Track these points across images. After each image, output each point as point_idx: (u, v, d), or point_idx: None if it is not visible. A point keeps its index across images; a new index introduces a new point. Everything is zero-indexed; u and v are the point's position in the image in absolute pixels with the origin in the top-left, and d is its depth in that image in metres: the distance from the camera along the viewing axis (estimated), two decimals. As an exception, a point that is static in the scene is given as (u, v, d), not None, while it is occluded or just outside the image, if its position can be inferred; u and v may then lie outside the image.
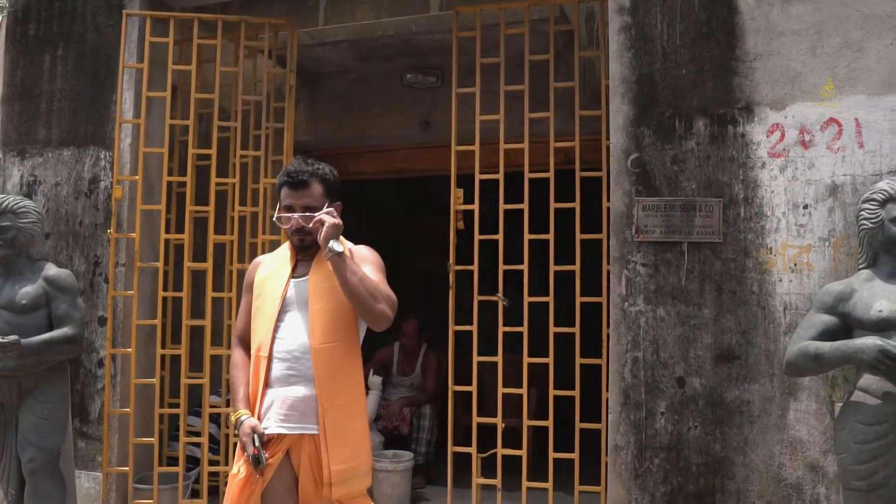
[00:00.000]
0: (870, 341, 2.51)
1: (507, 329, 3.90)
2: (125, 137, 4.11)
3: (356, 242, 2.57)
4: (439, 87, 5.15)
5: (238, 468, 2.37)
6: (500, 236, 3.94)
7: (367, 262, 2.45)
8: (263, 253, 4.06)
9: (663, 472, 3.31)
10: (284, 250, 2.56)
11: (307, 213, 2.39)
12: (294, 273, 2.48)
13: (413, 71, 5.16)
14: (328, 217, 2.34)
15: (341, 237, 2.38)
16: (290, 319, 2.41)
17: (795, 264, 3.22)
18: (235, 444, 2.48)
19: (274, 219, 2.46)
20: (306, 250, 2.47)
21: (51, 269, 3.52)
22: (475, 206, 3.98)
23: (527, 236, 3.91)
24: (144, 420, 4.08)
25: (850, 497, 2.66)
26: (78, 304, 3.54)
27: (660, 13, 3.44)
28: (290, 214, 2.42)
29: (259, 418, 2.37)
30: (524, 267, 3.90)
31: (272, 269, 2.52)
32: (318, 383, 2.34)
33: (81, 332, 3.52)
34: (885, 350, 2.48)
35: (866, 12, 3.20)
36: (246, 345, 2.52)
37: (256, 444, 2.30)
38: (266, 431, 2.34)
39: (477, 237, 3.95)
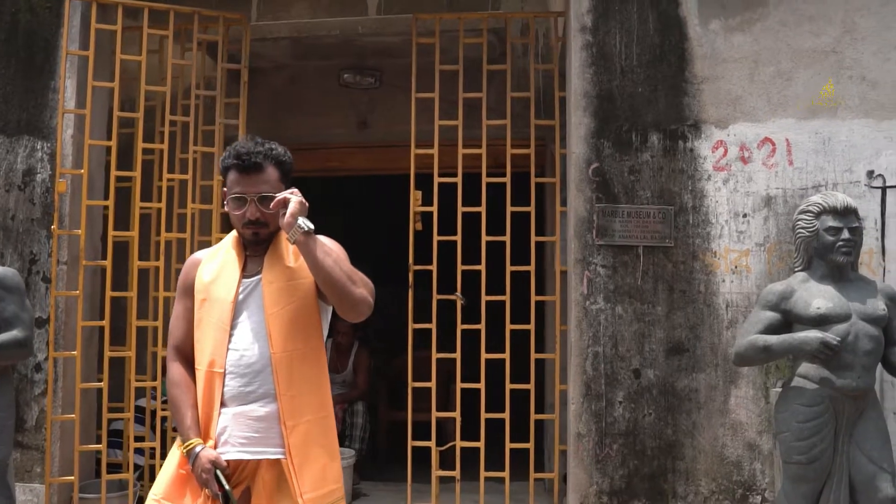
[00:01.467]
0: (812, 334, 2.91)
1: (465, 326, 4.07)
2: (66, 128, 3.89)
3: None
4: (377, 88, 5.23)
5: None
6: (458, 237, 4.10)
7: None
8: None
9: (621, 457, 3.62)
10: (228, 246, 2.20)
11: (266, 197, 2.07)
12: (244, 271, 2.14)
13: (351, 71, 5.21)
14: (293, 196, 2.03)
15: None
16: (245, 326, 2.09)
17: (736, 267, 3.63)
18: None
19: (225, 207, 2.15)
20: (259, 245, 2.14)
21: (-5, 268, 3.29)
22: (434, 209, 4.12)
23: (484, 238, 4.09)
24: (83, 426, 3.89)
25: (791, 470, 3.05)
26: (26, 306, 3.33)
27: (618, 34, 3.74)
28: (242, 196, 2.08)
29: (215, 445, 2.05)
30: (482, 267, 4.08)
31: (217, 269, 2.16)
32: (280, 398, 2.04)
33: (31, 335, 3.32)
34: (826, 342, 2.88)
35: (795, 46, 3.66)
36: (186, 358, 2.17)
37: (221, 480, 1.98)
38: (224, 457, 2.04)
39: (436, 238, 4.09)
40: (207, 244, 4.10)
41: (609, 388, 3.65)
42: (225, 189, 2.13)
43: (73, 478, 3.74)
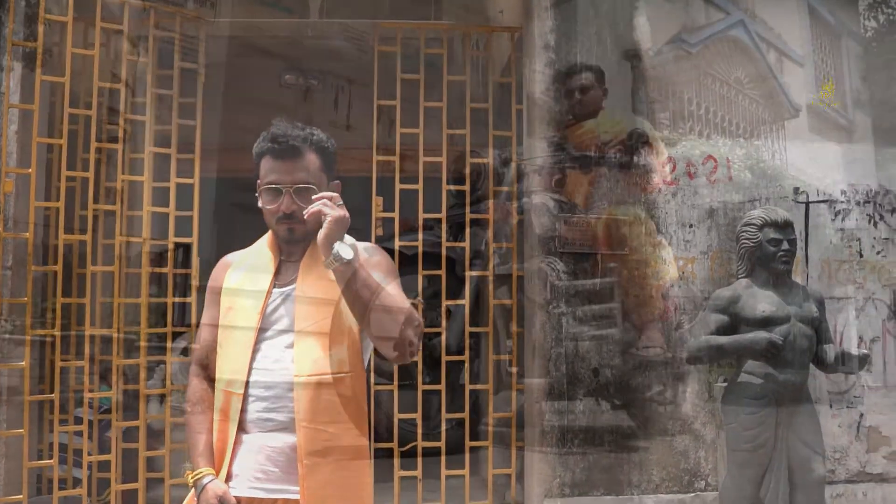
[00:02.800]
0: (761, 335, 3.25)
1: (426, 330, 4.18)
2: (9, 124, 3.63)
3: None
4: (320, 90, 5.22)
5: None
6: (419, 244, 4.19)
7: (378, 270, 1.85)
8: (180, 257, 3.91)
9: (582, 451, 3.86)
10: (262, 247, 1.95)
11: (301, 187, 1.82)
12: (277, 279, 1.90)
13: (293, 72, 5.17)
14: (329, 207, 1.75)
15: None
16: (271, 343, 1.84)
17: (683, 273, 3.96)
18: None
19: (259, 203, 1.90)
20: (296, 244, 1.89)
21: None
22: (395, 215, 4.18)
23: (444, 244, 4.21)
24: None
25: (738, 457, 3.39)
26: (-22, 315, 3.12)
27: (579, 54, 3.97)
28: (276, 186, 1.83)
29: (229, 475, 1.82)
30: (442, 272, 4.19)
31: (247, 274, 1.92)
32: (299, 429, 1.78)
33: (-16, 346, 3.12)
34: (773, 342, 3.23)
35: (735, 75, 4.04)
36: (208, 374, 1.94)
37: None
38: (235, 494, 1.81)
39: (397, 244, 4.16)
40: (164, 248, 3.98)
41: (570, 386, 3.88)
42: (259, 181, 1.87)
43: (21, 497, 3.51)
